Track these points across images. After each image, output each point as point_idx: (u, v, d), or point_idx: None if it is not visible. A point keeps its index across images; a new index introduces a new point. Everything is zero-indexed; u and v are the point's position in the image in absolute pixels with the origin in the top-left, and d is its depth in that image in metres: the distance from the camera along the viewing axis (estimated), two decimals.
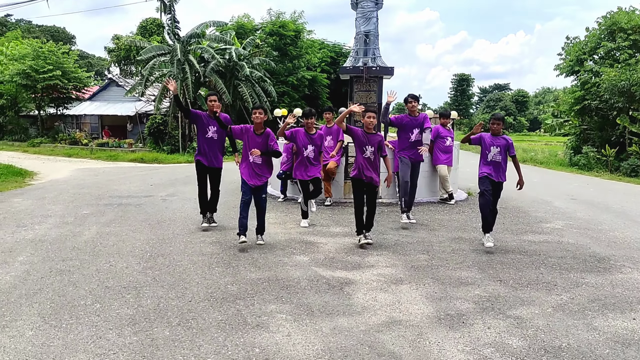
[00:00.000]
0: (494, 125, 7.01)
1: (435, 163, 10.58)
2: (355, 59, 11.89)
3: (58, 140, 29.36)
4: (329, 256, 6.53)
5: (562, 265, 6.28)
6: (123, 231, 7.72)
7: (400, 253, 6.76)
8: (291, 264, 6.16)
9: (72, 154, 25.13)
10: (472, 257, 6.57)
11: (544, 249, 7.05)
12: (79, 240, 7.14)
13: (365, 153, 6.90)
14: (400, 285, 5.45)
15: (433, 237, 7.70)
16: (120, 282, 5.38)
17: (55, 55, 30.11)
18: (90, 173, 16.83)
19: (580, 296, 5.19)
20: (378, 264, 6.23)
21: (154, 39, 37.20)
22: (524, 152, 27.73)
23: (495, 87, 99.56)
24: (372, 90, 11.70)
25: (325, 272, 5.86)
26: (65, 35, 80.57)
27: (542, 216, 9.44)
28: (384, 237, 7.66)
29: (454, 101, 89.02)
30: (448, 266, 6.19)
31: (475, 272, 5.95)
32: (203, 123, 7.77)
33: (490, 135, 7.02)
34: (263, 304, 4.83)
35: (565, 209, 10.29)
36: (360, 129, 6.99)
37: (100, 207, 9.77)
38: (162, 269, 5.85)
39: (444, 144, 10.49)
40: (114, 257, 6.29)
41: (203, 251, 6.65)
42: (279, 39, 32.24)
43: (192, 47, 26.86)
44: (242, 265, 6.06)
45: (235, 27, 33.50)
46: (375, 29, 11.76)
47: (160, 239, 7.24)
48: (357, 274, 5.83)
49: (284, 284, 5.41)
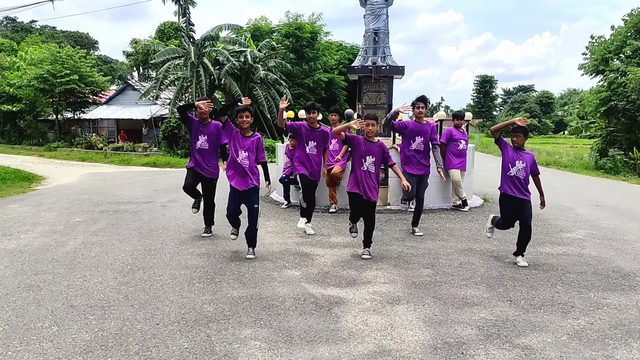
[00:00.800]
0: (515, 138, 6.20)
1: (448, 167, 9.94)
2: (364, 58, 11.34)
3: (74, 145, 29.39)
4: (323, 270, 5.99)
5: (582, 282, 5.63)
6: (110, 241, 7.29)
7: (402, 267, 6.18)
8: (280, 279, 5.63)
9: (86, 158, 25.04)
10: (482, 272, 5.96)
11: (562, 262, 6.39)
12: (61, 251, 6.73)
13: (363, 165, 6.31)
14: (397, 306, 4.88)
15: (441, 248, 7.10)
16: (88, 300, 4.92)
17: (73, 59, 30.13)
18: (99, 178, 16.58)
19: (600, 321, 4.56)
20: (376, 280, 5.67)
21: (172, 42, 37.19)
22: (548, 155, 26.75)
23: (520, 89, 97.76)
24: (381, 91, 11.13)
25: (316, 289, 5.32)
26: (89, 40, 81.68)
27: (563, 225, 8.74)
28: (387, 248, 7.09)
29: (476, 103, 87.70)
30: (453, 283, 5.59)
31: (483, 290, 5.34)
32: (194, 131, 7.31)
33: (513, 149, 6.31)
34: (238, 327, 4.31)
35: (589, 216, 9.56)
36: (362, 137, 6.40)
37: (95, 214, 9.39)
38: (138, 284, 5.38)
39: (457, 147, 9.85)
40: (91, 271, 5.85)
41: (188, 264, 6.17)
42: (295, 41, 31.84)
43: (206, 50, 26.61)
44: (226, 280, 5.55)
45: (252, 30, 33.23)
46: (385, 26, 11.18)
47: (146, 250, 6.79)
48: (350, 291, 5.28)
49: (267, 303, 4.88)
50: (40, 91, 29.29)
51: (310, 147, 7.62)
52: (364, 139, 6.34)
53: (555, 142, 51.02)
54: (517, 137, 6.19)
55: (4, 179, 14.51)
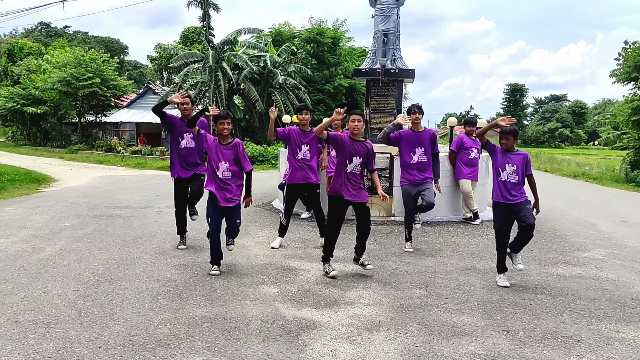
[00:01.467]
0: (504, 140, 5.60)
1: (458, 177, 9.31)
2: (372, 60, 10.80)
3: (95, 147, 29.52)
4: (304, 288, 5.46)
5: (593, 311, 4.96)
6: (89, 248, 6.91)
7: (392, 286, 5.61)
8: (253, 297, 5.13)
9: (104, 161, 25.05)
10: (480, 296, 5.34)
11: (574, 286, 5.72)
12: (34, 258, 6.36)
13: (348, 167, 5.73)
14: (375, 334, 4.32)
15: (440, 265, 6.49)
16: (37, 315, 4.51)
17: (96, 63, 30.37)
18: (109, 181, 16.39)
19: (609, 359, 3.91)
20: (359, 301, 5.12)
21: (195, 47, 37.24)
22: (577, 167, 25.62)
23: (552, 98, 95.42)
24: (390, 95, 10.57)
25: (289, 310, 4.80)
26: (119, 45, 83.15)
27: (582, 242, 8.02)
28: (381, 263, 6.51)
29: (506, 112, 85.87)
30: (446, 307, 5.00)
31: (477, 317, 4.74)
32: (177, 130, 6.87)
33: (502, 151, 5.70)
34: (188, 354, 3.82)
35: (612, 233, 8.79)
36: (347, 136, 5.85)
37: (87, 218, 9.06)
38: (97, 299, 4.94)
39: (468, 156, 9.19)
40: (55, 281, 5.44)
41: (160, 276, 5.72)
42: (316, 46, 31.47)
43: (225, 55, 26.42)
44: (194, 297, 5.08)
45: (273, 35, 32.95)
46: (395, 27, 10.63)
47: (122, 260, 6.37)
48: (327, 314, 4.74)
49: (229, 325, 4.38)
50: (63, 94, 29.56)
51: (303, 151, 7.09)
52: (350, 138, 5.78)
53: (587, 154, 49.36)
54: (506, 140, 5.58)
55: (13, 180, 14.41)
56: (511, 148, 5.64)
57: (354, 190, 5.75)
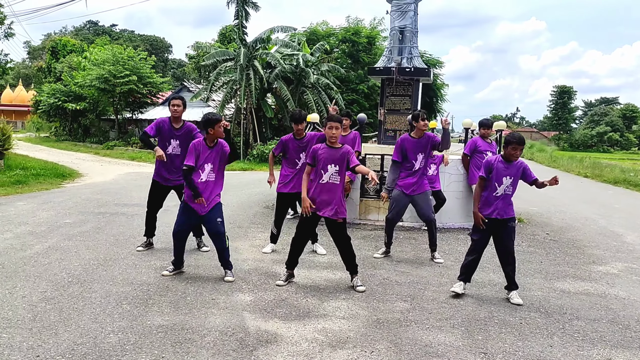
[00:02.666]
0: (515, 151, 5.11)
1: (472, 182, 8.78)
2: (388, 58, 10.38)
3: (130, 144, 30.04)
4: (280, 297, 5.16)
5: (589, 333, 4.47)
6: (77, 247, 6.81)
7: (376, 297, 5.25)
8: (222, 305, 4.86)
9: (136, 157, 25.40)
10: (467, 311, 4.92)
11: (576, 304, 5.21)
12: (17, 256, 6.29)
13: (324, 177, 5.34)
14: (338, 351, 3.98)
15: (436, 276, 6.08)
16: None
17: (133, 60, 30.91)
18: (132, 177, 16.53)
19: None
20: (335, 313, 4.78)
21: (232, 45, 37.46)
22: (621, 172, 24.30)
23: (602, 101, 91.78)
24: (406, 95, 10.13)
25: (255, 321, 4.51)
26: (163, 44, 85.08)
27: (600, 254, 7.42)
28: (373, 272, 6.15)
29: (554, 115, 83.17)
30: (426, 323, 4.61)
31: (457, 336, 4.33)
32: (164, 136, 6.68)
33: (501, 160, 5.25)
34: None
35: (637, 245, 8.12)
36: (322, 145, 5.43)
37: (91, 215, 9.03)
38: (60, 302, 4.78)
39: (482, 159, 8.61)
40: (27, 282, 5.33)
41: (136, 279, 5.53)
42: (351, 45, 31.05)
43: (257, 53, 26.35)
44: (161, 303, 4.85)
45: (307, 34, 32.71)
46: (412, 24, 10.17)
47: (105, 260, 6.23)
48: (294, 327, 4.42)
49: (184, 337, 4.13)
50: (101, 91, 30.20)
51: (302, 159, 6.78)
52: (326, 145, 5.41)
53: (636, 159, 47.10)
54: (520, 151, 5.12)
55: (37, 175, 14.67)
56: (517, 158, 5.22)
57: (327, 203, 5.37)
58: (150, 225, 6.97)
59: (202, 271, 5.89)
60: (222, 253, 5.72)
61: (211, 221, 5.68)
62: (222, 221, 5.75)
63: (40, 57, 66.92)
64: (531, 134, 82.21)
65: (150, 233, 6.99)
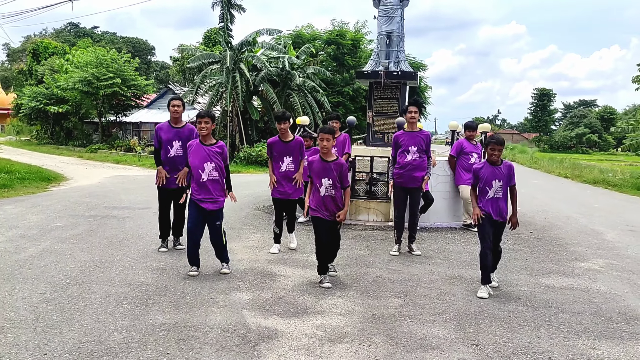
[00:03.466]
0: (493, 152, 5.34)
1: (458, 183, 9.03)
2: (376, 62, 10.56)
3: (114, 147, 29.85)
4: (277, 295, 5.30)
5: (574, 325, 4.68)
6: (72, 250, 6.85)
7: (370, 294, 5.41)
8: (222, 304, 4.98)
9: (121, 160, 25.28)
10: (459, 306, 5.10)
11: (560, 299, 5.43)
12: (12, 259, 6.33)
13: (320, 191, 5.52)
14: (337, 345, 4.13)
15: (427, 274, 6.26)
16: None
17: (117, 63, 30.73)
18: (119, 180, 16.48)
19: None
20: (332, 310, 4.93)
21: (217, 48, 37.44)
22: (600, 173, 24.85)
23: (581, 104, 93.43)
24: (393, 98, 10.31)
25: (255, 318, 4.64)
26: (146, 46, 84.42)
27: (582, 252, 7.67)
28: (366, 270, 6.31)
29: (533, 117, 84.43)
30: (420, 317, 4.78)
31: (450, 329, 4.51)
32: (165, 139, 6.76)
33: (487, 165, 5.45)
34: None
35: (616, 242, 8.41)
36: (316, 158, 5.61)
37: (81, 218, 9.05)
38: (61, 303, 4.86)
39: (467, 161, 8.89)
40: (25, 284, 5.39)
41: (134, 280, 5.62)
42: (336, 48, 31.26)
43: (243, 55, 26.42)
44: (161, 302, 4.96)
45: (293, 37, 32.86)
46: (399, 28, 10.36)
47: (101, 262, 6.30)
48: (293, 323, 4.56)
49: (187, 334, 4.24)
50: (84, 94, 29.95)
51: (286, 163, 6.91)
52: (319, 158, 5.57)
53: (614, 160, 48.04)
54: (498, 152, 5.35)
55: (23, 179, 14.56)
56: (498, 161, 5.42)
57: (327, 209, 5.57)
58: (163, 227, 7.03)
59: (201, 270, 5.99)
60: (221, 250, 5.94)
61: (211, 221, 5.82)
62: (220, 224, 5.90)
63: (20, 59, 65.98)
64: (512, 136, 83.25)
65: (165, 235, 7.06)
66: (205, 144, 5.80)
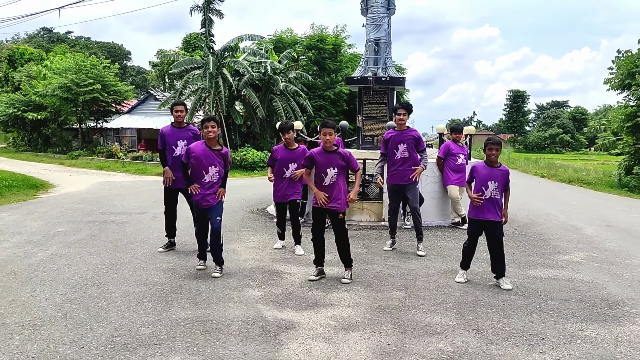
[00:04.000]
0: (491, 151, 5.76)
1: (446, 183, 9.47)
2: (364, 68, 10.99)
3: (95, 153, 29.75)
4: (287, 291, 5.63)
5: (562, 311, 5.12)
6: (80, 253, 7.08)
7: (373, 288, 5.77)
8: (237, 299, 5.29)
9: (104, 167, 25.26)
10: (456, 297, 5.50)
11: (548, 288, 5.88)
12: (25, 263, 6.54)
13: (325, 180, 5.88)
14: (350, 333, 4.49)
15: (423, 268, 6.66)
16: (23, 317, 4.68)
17: (97, 69, 30.64)
18: (107, 187, 16.58)
19: (569, 356, 4.07)
20: (340, 303, 5.28)
21: (197, 53, 37.56)
22: (574, 172, 25.74)
23: (553, 104, 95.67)
24: (382, 103, 10.76)
25: (271, 311, 4.97)
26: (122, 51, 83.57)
27: (564, 246, 8.17)
28: (366, 267, 6.67)
29: (508, 118, 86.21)
30: (422, 307, 5.16)
31: (450, 317, 4.90)
32: (170, 139, 7.06)
33: (485, 165, 5.87)
34: (167, 354, 3.99)
35: (595, 237, 8.94)
36: (318, 150, 5.96)
37: (81, 224, 9.24)
38: (84, 302, 5.12)
39: (455, 162, 9.35)
40: (44, 285, 5.62)
41: (148, 280, 5.89)
42: (317, 52, 31.69)
43: (226, 61, 26.65)
44: (179, 300, 5.25)
45: (274, 42, 33.19)
46: (386, 36, 10.82)
47: (111, 264, 6.54)
48: (307, 315, 4.90)
49: (210, 327, 4.55)
50: (64, 100, 29.78)
51: (291, 169, 7.25)
52: (322, 150, 5.94)
53: (587, 159, 49.47)
54: (496, 151, 5.75)
55: (10, 186, 14.58)
56: (495, 162, 5.80)
57: (333, 200, 5.90)
58: (169, 226, 7.29)
59: (209, 271, 6.27)
60: (216, 250, 6.17)
61: (212, 217, 6.10)
62: (220, 220, 6.16)
63: None
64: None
65: (171, 234, 7.31)
66: (212, 148, 6.09)
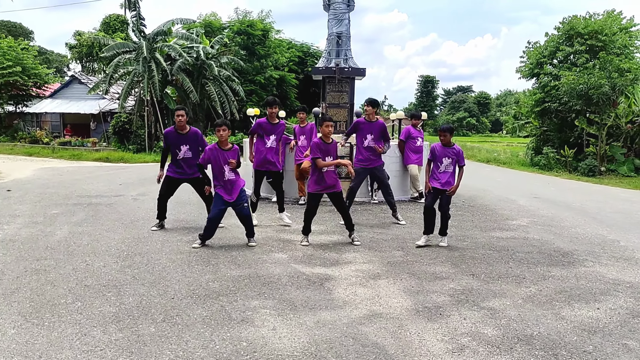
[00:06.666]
0: (441, 137, 7.06)
1: (407, 163, 10.81)
2: (327, 59, 12.03)
3: (17, 139, 28.53)
4: (307, 253, 6.64)
5: (529, 259, 6.55)
6: (96, 230, 7.64)
7: (376, 250, 6.92)
8: (270, 261, 6.24)
9: (33, 153, 24.48)
10: (445, 253, 6.78)
11: (511, 244, 7.33)
12: (52, 239, 7.04)
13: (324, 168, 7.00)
14: (378, 280, 5.61)
15: (406, 234, 7.90)
16: (99, 280, 5.36)
17: (15, 51, 29.23)
18: (55, 172, 16.46)
19: (547, 288, 5.45)
20: (355, 261, 6.38)
21: (117, 35, 36.58)
22: (487, 153, 28.47)
23: (459, 89, 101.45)
24: (344, 91, 11.86)
25: (305, 268, 5.97)
26: (23, 30, 77.75)
27: (508, 214, 9.78)
28: (359, 234, 7.76)
29: (419, 102, 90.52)
30: (423, 262, 6.38)
31: (448, 267, 6.16)
32: (173, 144, 7.63)
33: (441, 145, 7.15)
34: (246, 300, 4.90)
35: (529, 207, 10.68)
36: (319, 141, 7.02)
37: (70, 206, 9.61)
38: (140, 267, 5.85)
39: (414, 144, 10.72)
40: (90, 256, 6.24)
41: (180, 249, 6.66)
42: (246, 38, 32.12)
43: (158, 45, 26.51)
44: (222, 262, 6.11)
45: (203, 26, 33.18)
46: (347, 30, 11.92)
47: (135, 238, 7.21)
48: (335, 270, 5.96)
49: (265, 280, 5.49)
50: None
51: (271, 140, 8.03)
52: (322, 142, 7.01)
53: (492, 141, 53.70)
54: (444, 136, 7.00)
55: None
56: (449, 143, 7.09)
57: (331, 182, 7.05)
58: (161, 210, 7.89)
59: (227, 242, 7.11)
60: (250, 228, 7.06)
61: (239, 206, 6.93)
62: (247, 205, 7.04)
63: None
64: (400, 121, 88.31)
65: (162, 216, 7.94)
66: (224, 149, 6.86)
